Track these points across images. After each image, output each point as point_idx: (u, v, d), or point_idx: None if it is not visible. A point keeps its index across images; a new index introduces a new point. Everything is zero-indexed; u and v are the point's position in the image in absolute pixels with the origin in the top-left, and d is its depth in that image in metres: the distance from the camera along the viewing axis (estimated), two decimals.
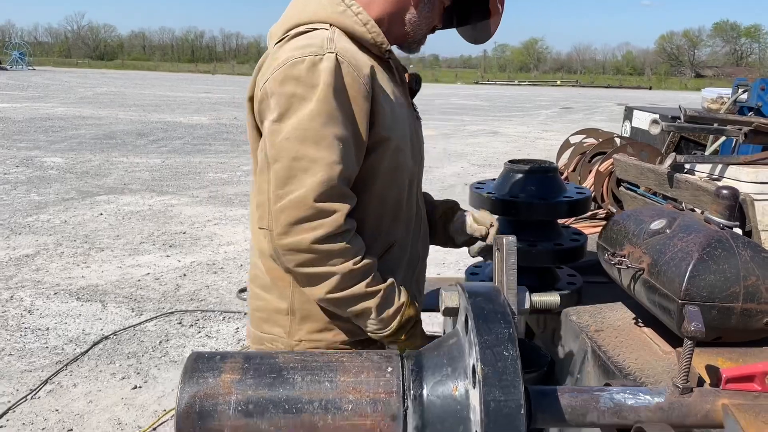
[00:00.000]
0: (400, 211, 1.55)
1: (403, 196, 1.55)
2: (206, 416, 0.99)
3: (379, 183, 1.48)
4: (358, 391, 1.02)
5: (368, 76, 1.38)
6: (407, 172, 1.54)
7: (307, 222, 1.31)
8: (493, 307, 1.01)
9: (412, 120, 1.60)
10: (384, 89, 1.44)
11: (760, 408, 1.07)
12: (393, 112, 1.46)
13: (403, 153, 1.50)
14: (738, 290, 1.56)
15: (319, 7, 1.44)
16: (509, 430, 0.90)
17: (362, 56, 1.40)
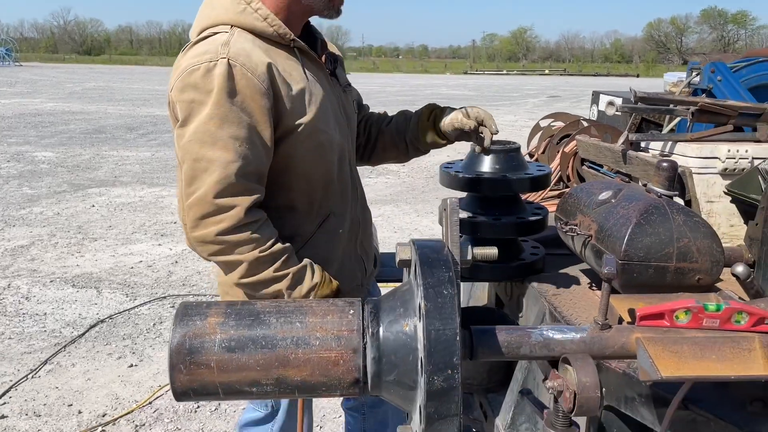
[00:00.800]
0: (331, 185, 1.69)
1: (333, 170, 1.68)
2: (195, 352, 1.16)
3: (300, 165, 1.60)
4: (325, 330, 1.20)
5: (264, 73, 1.48)
6: (334, 148, 1.67)
7: (211, 217, 1.46)
8: (437, 256, 1.19)
9: (335, 97, 1.71)
10: (290, 80, 1.55)
11: (667, 340, 1.26)
12: (303, 98, 1.56)
13: (324, 133, 1.61)
14: (672, 251, 1.75)
15: (222, 9, 1.55)
16: (447, 354, 1.08)
17: (259, 54, 1.50)
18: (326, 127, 1.63)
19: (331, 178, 1.69)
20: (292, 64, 1.59)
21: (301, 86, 1.57)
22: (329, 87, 1.70)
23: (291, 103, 1.54)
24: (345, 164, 1.76)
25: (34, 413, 3.16)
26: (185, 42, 1.65)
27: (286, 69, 1.56)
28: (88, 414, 3.17)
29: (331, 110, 1.67)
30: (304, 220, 1.65)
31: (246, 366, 1.17)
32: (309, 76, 1.61)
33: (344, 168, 1.75)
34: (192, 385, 1.17)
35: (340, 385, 1.19)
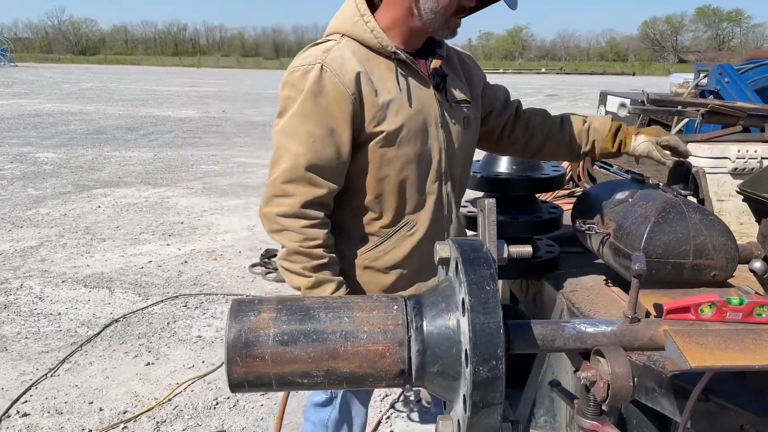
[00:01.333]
0: (411, 194, 1.77)
1: (414, 180, 1.76)
2: (250, 345, 1.23)
3: (379, 170, 1.72)
4: (371, 324, 1.26)
5: (352, 80, 1.62)
6: (419, 160, 1.74)
7: (276, 198, 1.66)
8: (478, 254, 1.25)
9: (434, 111, 1.76)
10: (380, 88, 1.67)
11: (693, 332, 1.33)
12: (389, 107, 1.67)
13: (409, 143, 1.70)
14: (688, 248, 1.83)
15: (341, 20, 1.73)
16: (491, 346, 1.14)
17: (353, 63, 1.64)
18: (413, 138, 1.72)
19: (412, 187, 1.77)
20: (388, 74, 1.70)
21: (391, 96, 1.68)
22: (428, 100, 1.76)
23: (376, 111, 1.66)
24: (432, 177, 1.80)
25: (56, 411, 3.22)
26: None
27: (381, 78, 1.68)
28: (109, 411, 3.23)
29: (423, 122, 1.74)
30: (378, 224, 1.77)
31: (298, 358, 1.24)
32: (403, 87, 1.71)
33: (430, 180, 1.80)
34: (247, 376, 1.24)
35: (386, 376, 1.26)
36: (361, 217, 1.79)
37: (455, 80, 1.86)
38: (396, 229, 1.80)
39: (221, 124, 15.51)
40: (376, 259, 1.80)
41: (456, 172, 1.87)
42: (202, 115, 17.39)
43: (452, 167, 1.85)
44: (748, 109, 2.51)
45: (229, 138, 13.20)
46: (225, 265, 5.47)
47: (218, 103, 21.14)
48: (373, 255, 1.80)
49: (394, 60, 1.72)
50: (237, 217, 7.06)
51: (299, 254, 1.67)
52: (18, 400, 3.29)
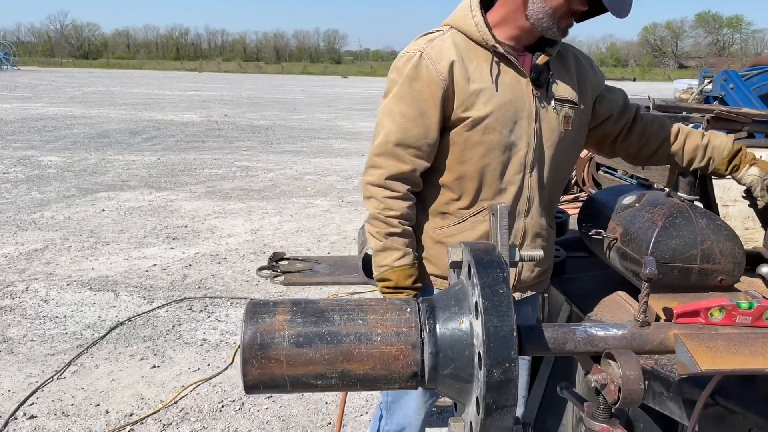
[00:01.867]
0: (491, 181, 1.84)
1: (497, 168, 1.83)
2: (266, 346, 1.24)
3: (462, 153, 1.83)
4: (385, 326, 1.28)
5: (446, 68, 1.75)
6: (503, 149, 1.81)
7: (370, 168, 1.85)
8: (490, 257, 1.27)
9: (528, 104, 1.80)
10: (473, 77, 1.77)
11: (703, 336, 1.35)
12: (479, 95, 1.77)
13: (495, 131, 1.78)
14: (696, 253, 1.84)
15: (454, 14, 1.87)
16: (505, 348, 1.16)
17: (450, 52, 1.77)
18: (499, 127, 1.80)
19: (493, 175, 1.84)
20: (485, 65, 1.79)
21: (483, 85, 1.77)
22: (524, 93, 1.80)
23: (466, 96, 1.77)
24: (515, 168, 1.84)
25: (63, 413, 3.23)
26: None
27: (477, 68, 1.78)
28: (115, 414, 3.24)
29: (514, 114, 1.80)
30: (457, 204, 1.88)
31: (313, 360, 1.25)
32: (497, 78, 1.79)
33: (512, 171, 1.84)
34: (263, 378, 1.25)
35: (400, 378, 1.27)
36: (442, 196, 1.90)
37: (564, 79, 1.88)
38: (473, 213, 1.88)
39: (224, 128, 15.55)
40: (449, 236, 1.89)
41: (545, 168, 1.89)
42: (205, 119, 17.44)
43: (541, 163, 1.87)
44: (753, 115, 2.53)
45: (232, 142, 13.23)
46: (229, 268, 5.48)
47: (220, 107, 21.19)
48: (447, 232, 1.89)
49: (492, 53, 1.80)
50: (240, 220, 7.08)
51: (377, 219, 1.84)
52: (24, 403, 3.31)
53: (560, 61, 1.90)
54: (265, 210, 7.59)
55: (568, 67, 1.90)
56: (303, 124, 17.27)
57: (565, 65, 1.90)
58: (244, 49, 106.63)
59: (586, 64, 1.97)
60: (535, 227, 1.94)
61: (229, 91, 30.29)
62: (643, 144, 2.08)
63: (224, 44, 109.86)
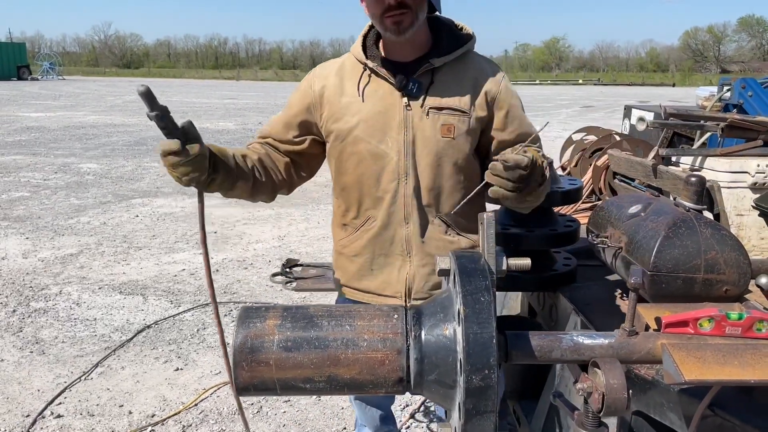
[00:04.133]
0: (369, 191, 1.92)
1: (372, 178, 1.90)
2: (256, 350, 1.29)
3: (341, 166, 1.95)
4: (372, 332, 1.31)
5: (320, 85, 1.94)
6: (375, 159, 1.88)
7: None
8: (475, 266, 1.30)
9: (394, 112, 1.85)
10: (342, 91, 1.90)
11: (691, 346, 1.34)
12: (347, 108, 1.89)
13: (364, 142, 1.87)
14: (699, 263, 1.83)
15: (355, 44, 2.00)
16: (484, 355, 1.18)
17: (329, 71, 1.96)
18: (368, 137, 1.88)
19: (369, 184, 1.91)
20: (352, 81, 1.91)
21: (351, 99, 1.89)
22: (393, 104, 1.86)
23: (336, 109, 1.91)
24: (389, 176, 1.89)
25: (88, 413, 3.34)
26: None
27: (351, 84, 1.91)
28: (138, 414, 3.34)
29: (383, 124, 1.86)
30: (349, 216, 1.99)
31: (301, 364, 1.29)
32: (365, 91, 1.88)
33: (386, 179, 1.89)
34: (253, 381, 1.30)
35: (386, 383, 1.31)
36: (338, 208, 2.04)
37: (451, 87, 1.88)
38: (362, 222, 1.97)
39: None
40: (344, 247, 2.03)
41: (423, 176, 1.89)
42: (239, 127, 17.72)
43: (418, 170, 1.88)
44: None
45: None
46: (255, 274, 5.58)
47: (255, 116, 21.51)
48: (344, 243, 2.03)
49: (364, 68, 1.91)
50: (269, 227, 7.20)
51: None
52: (52, 402, 3.43)
53: (457, 69, 1.91)
54: (293, 216, 7.70)
55: (462, 76, 1.90)
56: None
57: (459, 73, 1.90)
58: (280, 57, 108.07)
59: (488, 74, 1.93)
60: (419, 236, 1.94)
61: (264, 100, 30.72)
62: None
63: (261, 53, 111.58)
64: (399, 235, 1.94)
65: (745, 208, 2.42)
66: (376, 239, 1.96)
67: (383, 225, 1.94)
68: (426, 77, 1.88)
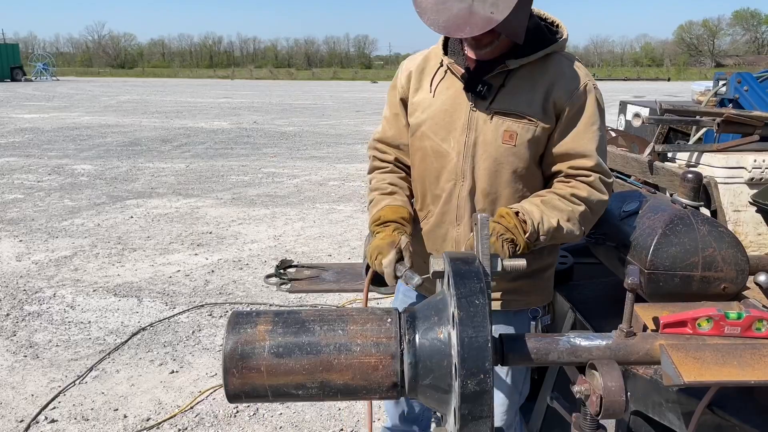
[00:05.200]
0: (430, 187, 1.94)
1: (432, 174, 1.91)
2: (246, 357, 1.26)
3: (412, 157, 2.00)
4: (365, 337, 1.29)
5: (405, 77, 1.97)
6: (437, 157, 1.89)
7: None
8: (469, 268, 1.27)
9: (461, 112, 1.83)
10: (419, 85, 1.93)
11: (690, 347, 1.32)
12: (420, 103, 1.91)
13: (429, 139, 1.89)
14: (697, 260, 1.81)
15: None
16: (479, 359, 1.16)
17: (414, 63, 1.98)
18: (432, 135, 1.89)
19: (429, 180, 1.94)
20: (430, 75, 1.92)
21: (424, 95, 1.92)
22: (461, 104, 1.84)
23: (412, 104, 1.96)
24: (447, 176, 1.88)
25: (83, 417, 3.31)
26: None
27: (426, 79, 1.92)
28: (133, 418, 3.31)
29: (449, 123, 1.85)
30: (418, 205, 2.02)
31: (293, 370, 1.27)
32: (437, 88, 1.89)
33: (444, 178, 1.89)
34: (244, 387, 1.27)
35: (380, 388, 1.28)
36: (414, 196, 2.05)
37: (522, 92, 1.80)
38: (424, 215, 2.00)
39: (252, 135, 15.74)
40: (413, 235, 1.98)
41: (479, 179, 1.85)
42: (234, 126, 17.67)
43: (475, 173, 1.84)
44: (765, 118, 2.47)
45: (260, 149, 13.39)
46: (251, 274, 5.55)
47: (250, 114, 21.45)
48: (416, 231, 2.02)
49: (440, 65, 1.91)
50: (264, 226, 7.16)
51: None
52: (47, 407, 3.40)
53: (534, 72, 1.81)
54: (288, 216, 7.66)
55: (537, 80, 1.80)
56: (330, 130, 17.37)
57: (535, 78, 1.80)
58: (275, 55, 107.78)
59: (565, 80, 1.82)
60: (467, 238, 1.89)
61: (259, 98, 30.65)
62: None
63: (256, 51, 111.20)
64: (450, 235, 1.93)
65: (741, 204, 2.40)
66: (430, 234, 1.98)
67: (437, 223, 1.95)
68: (499, 79, 1.80)
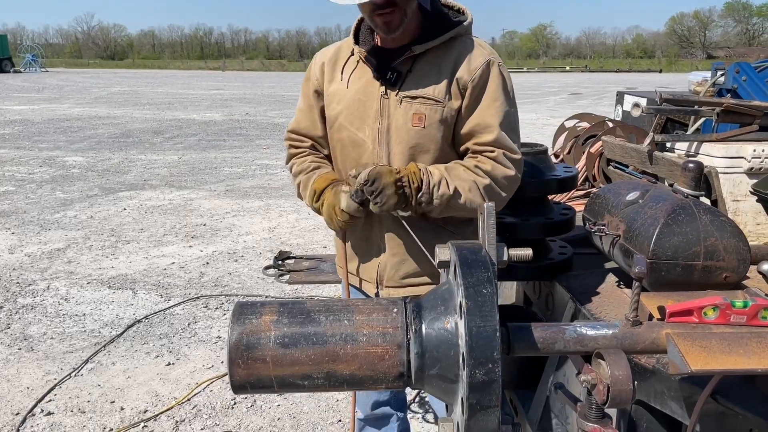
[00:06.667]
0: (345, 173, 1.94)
1: (347, 162, 1.94)
2: (252, 347, 1.25)
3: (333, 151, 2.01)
4: (371, 327, 1.28)
5: (319, 68, 1.98)
6: (355, 146, 1.91)
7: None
8: (476, 257, 1.26)
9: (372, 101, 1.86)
10: (335, 79, 1.93)
11: (696, 335, 1.32)
12: (335, 95, 1.93)
13: (346, 129, 1.91)
14: (699, 250, 1.81)
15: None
16: (487, 349, 1.15)
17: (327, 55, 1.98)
18: (348, 124, 1.91)
19: (345, 165, 1.95)
20: (343, 68, 1.93)
21: (337, 86, 1.93)
22: (372, 92, 1.86)
23: (327, 96, 1.96)
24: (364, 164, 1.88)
25: (79, 410, 3.29)
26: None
27: (338, 70, 1.93)
28: (130, 410, 3.30)
29: (362, 112, 1.87)
30: None
31: (299, 361, 1.26)
32: (349, 79, 1.89)
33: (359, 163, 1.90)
34: (249, 378, 1.26)
35: (386, 378, 1.27)
36: None
37: (429, 75, 1.83)
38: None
39: (244, 127, 15.66)
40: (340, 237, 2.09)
41: (397, 165, 1.85)
42: (226, 118, 17.58)
43: (391, 159, 1.87)
44: (765, 108, 2.47)
45: (252, 140, 13.33)
46: (245, 266, 5.53)
47: (242, 106, 21.35)
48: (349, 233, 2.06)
49: (351, 55, 1.93)
50: (258, 218, 7.14)
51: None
52: (42, 399, 3.38)
53: (439, 56, 1.84)
54: (283, 208, 7.64)
55: (441, 63, 1.83)
56: None
57: (440, 61, 1.83)
58: (266, 47, 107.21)
59: (468, 59, 1.84)
60: (391, 226, 1.94)
61: (251, 90, 30.50)
62: None
63: (247, 43, 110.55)
64: (374, 224, 1.97)
65: (741, 193, 2.40)
66: (357, 225, 1.98)
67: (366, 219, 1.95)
68: (406, 65, 1.85)
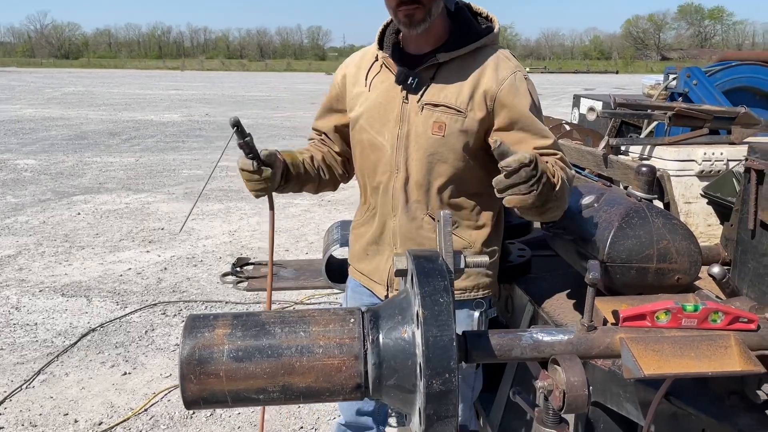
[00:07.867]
0: (370, 181, 1.98)
1: (371, 168, 1.95)
2: (204, 362, 1.22)
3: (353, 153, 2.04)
4: (327, 338, 1.26)
5: (342, 75, 2.03)
6: (374, 150, 1.92)
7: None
8: (433, 266, 1.25)
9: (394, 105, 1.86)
10: (356, 82, 1.97)
11: (649, 339, 1.34)
12: (357, 98, 1.95)
13: (366, 132, 1.93)
14: (652, 252, 1.84)
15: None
16: (444, 358, 1.14)
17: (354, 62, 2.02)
18: (368, 128, 1.93)
19: (368, 172, 1.98)
20: (364, 71, 1.97)
21: (361, 89, 1.96)
22: (394, 97, 1.87)
23: (350, 99, 1.99)
24: (383, 168, 1.91)
25: (30, 423, 3.18)
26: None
27: (363, 74, 1.96)
28: (84, 423, 3.20)
29: (383, 116, 1.89)
30: (361, 198, 2.07)
31: (253, 374, 1.23)
32: (372, 83, 1.93)
33: (381, 170, 1.92)
34: (202, 394, 1.23)
35: (343, 390, 1.26)
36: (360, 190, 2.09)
37: (452, 84, 1.82)
38: (366, 207, 2.04)
39: (204, 128, 15.43)
40: (354, 228, 2.12)
41: (415, 171, 1.87)
42: (185, 119, 17.30)
43: (409, 165, 1.87)
44: (715, 112, 2.53)
45: (212, 142, 13.13)
46: (205, 271, 5.44)
47: (201, 107, 21.03)
48: (356, 223, 2.11)
49: (376, 60, 1.95)
50: (218, 222, 7.03)
51: None
52: None
53: (464, 65, 1.84)
54: (243, 211, 7.54)
55: (466, 73, 1.82)
56: (285, 122, 17.18)
57: (464, 71, 1.83)
58: (227, 46, 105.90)
59: (495, 70, 1.84)
60: (404, 230, 1.94)
61: (211, 90, 30.08)
62: None
63: (207, 42, 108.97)
64: (388, 226, 1.97)
65: (692, 195, 2.46)
66: (372, 226, 2.02)
67: (377, 214, 2.00)
68: (429, 72, 1.83)
